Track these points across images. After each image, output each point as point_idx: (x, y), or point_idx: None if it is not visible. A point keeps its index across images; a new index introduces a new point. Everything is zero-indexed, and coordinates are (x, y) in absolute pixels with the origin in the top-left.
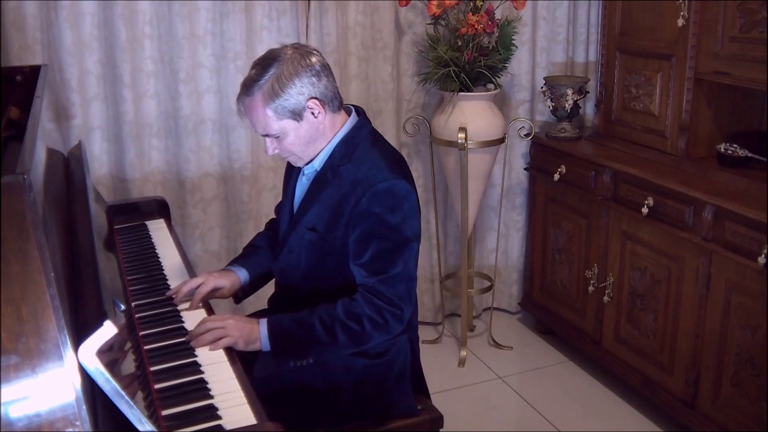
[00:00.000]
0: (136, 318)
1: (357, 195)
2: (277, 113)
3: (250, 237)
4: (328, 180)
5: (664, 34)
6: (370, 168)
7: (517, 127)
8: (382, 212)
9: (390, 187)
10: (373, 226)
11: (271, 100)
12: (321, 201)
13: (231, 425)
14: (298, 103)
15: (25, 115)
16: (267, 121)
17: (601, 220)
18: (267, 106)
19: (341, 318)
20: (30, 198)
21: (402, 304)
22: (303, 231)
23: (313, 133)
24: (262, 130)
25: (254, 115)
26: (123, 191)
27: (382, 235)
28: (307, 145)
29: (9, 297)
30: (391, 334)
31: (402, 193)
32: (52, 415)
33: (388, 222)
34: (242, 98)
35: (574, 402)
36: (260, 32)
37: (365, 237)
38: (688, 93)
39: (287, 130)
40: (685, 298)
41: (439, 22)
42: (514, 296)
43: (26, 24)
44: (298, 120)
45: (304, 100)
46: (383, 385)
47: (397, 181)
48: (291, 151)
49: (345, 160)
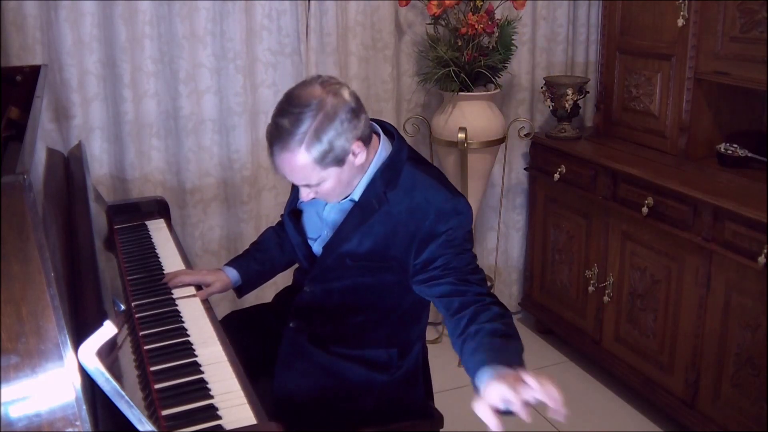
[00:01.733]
0: (136, 318)
1: (418, 219)
2: (321, 164)
3: (250, 237)
4: (374, 208)
5: (664, 34)
6: (426, 191)
7: (517, 127)
8: (452, 229)
9: (455, 206)
10: (444, 241)
11: (315, 152)
12: (364, 230)
13: (231, 425)
14: (343, 150)
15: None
16: (309, 174)
17: (601, 220)
18: (310, 159)
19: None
20: (30, 198)
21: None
22: (342, 259)
23: (354, 173)
24: (302, 182)
25: (295, 170)
26: (123, 191)
27: (451, 246)
28: (347, 186)
29: (9, 297)
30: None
31: (464, 210)
32: (52, 415)
33: (456, 235)
34: (278, 153)
35: (574, 402)
36: (260, 32)
37: (436, 251)
38: (688, 93)
39: (329, 177)
40: (685, 298)
41: (439, 22)
42: (514, 296)
43: (26, 24)
44: (342, 165)
45: (349, 145)
46: (399, 395)
47: (459, 199)
48: (329, 195)
49: (391, 187)
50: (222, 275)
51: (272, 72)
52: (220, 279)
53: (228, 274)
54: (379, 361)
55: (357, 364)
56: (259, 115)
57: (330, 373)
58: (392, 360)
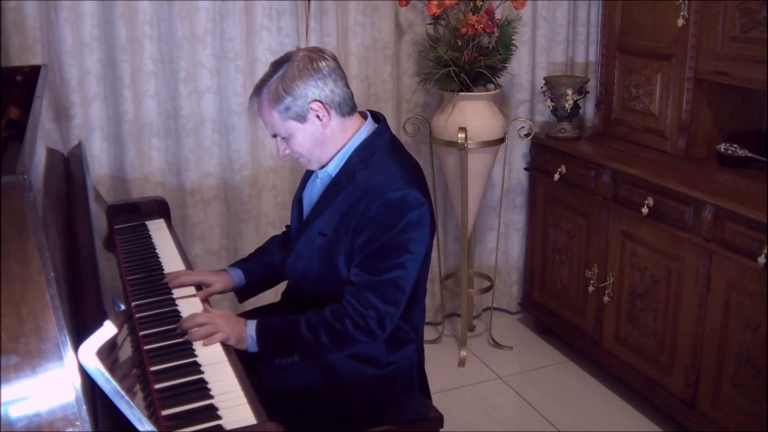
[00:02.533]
0: (136, 318)
1: (367, 201)
2: (281, 114)
3: (250, 237)
4: (343, 185)
5: (664, 34)
6: (384, 176)
7: (517, 127)
8: (391, 220)
9: (403, 197)
10: (378, 232)
11: (276, 102)
12: (333, 206)
13: (231, 425)
14: (300, 106)
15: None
16: (273, 121)
17: (601, 220)
18: (272, 107)
19: (326, 318)
20: (30, 198)
21: (384, 310)
22: (314, 236)
23: (318, 137)
24: (270, 130)
25: (262, 115)
26: (123, 191)
27: (384, 241)
28: (314, 147)
29: (9, 297)
30: (375, 339)
31: (414, 204)
32: (52, 415)
33: (394, 230)
34: (253, 98)
35: (574, 402)
36: (260, 32)
37: (369, 241)
38: (688, 93)
39: (293, 132)
40: (685, 298)
41: (439, 22)
42: (514, 296)
43: (26, 24)
44: (302, 122)
45: (307, 103)
46: (393, 394)
47: (410, 192)
48: (299, 153)
49: (361, 166)
50: (224, 276)
51: None
52: (221, 279)
53: (232, 274)
54: (368, 355)
55: (346, 357)
56: None
57: (319, 368)
58: (380, 354)
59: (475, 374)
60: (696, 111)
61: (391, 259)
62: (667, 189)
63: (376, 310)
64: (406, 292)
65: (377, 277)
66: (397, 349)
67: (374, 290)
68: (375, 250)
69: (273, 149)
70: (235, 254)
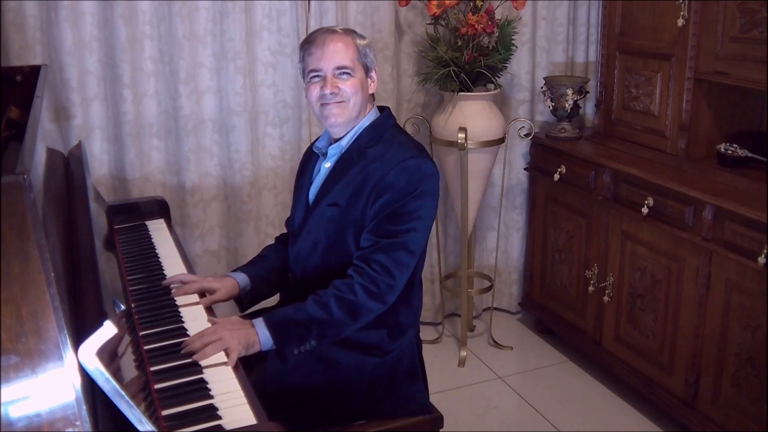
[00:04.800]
0: (136, 318)
1: (384, 169)
2: (360, 55)
3: (250, 237)
4: (354, 160)
5: (664, 34)
6: (400, 147)
7: (517, 127)
8: (408, 185)
9: (419, 164)
10: (396, 196)
11: (362, 44)
12: (345, 179)
13: (231, 425)
14: (371, 62)
15: (25, 115)
16: (351, 54)
17: (601, 220)
18: (356, 44)
19: (335, 291)
20: (30, 198)
21: (396, 273)
22: (324, 209)
23: (365, 95)
24: (339, 61)
25: (340, 46)
26: (123, 191)
27: (400, 205)
28: (359, 100)
29: (9, 297)
30: (385, 303)
31: (428, 172)
32: (52, 415)
33: (409, 195)
34: (329, 33)
35: (574, 402)
36: (260, 32)
37: (384, 206)
38: (688, 93)
39: (357, 74)
40: (685, 298)
41: (439, 22)
42: (514, 296)
43: (26, 24)
44: (366, 72)
45: (374, 62)
46: (396, 384)
47: (426, 161)
48: (348, 96)
49: (372, 143)
50: (227, 282)
51: (272, 72)
52: (225, 286)
53: (237, 278)
54: (370, 343)
55: (347, 348)
56: (259, 115)
57: (321, 363)
58: (383, 341)
59: (475, 374)
60: (696, 111)
61: (405, 223)
62: (667, 189)
63: (388, 272)
64: (415, 256)
65: (390, 240)
66: (399, 336)
67: (387, 252)
68: (389, 215)
69: (273, 149)
70: (235, 254)
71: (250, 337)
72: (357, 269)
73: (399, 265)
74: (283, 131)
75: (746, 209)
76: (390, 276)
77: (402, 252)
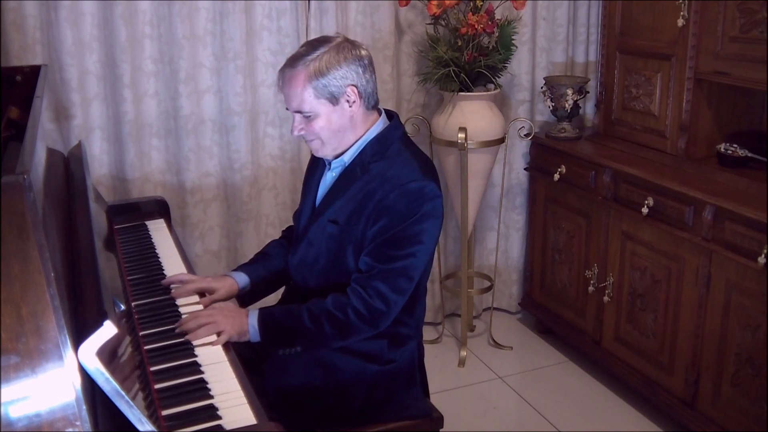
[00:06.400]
0: (136, 318)
1: (385, 190)
2: (317, 92)
3: (250, 237)
4: (357, 175)
5: (664, 34)
6: (403, 167)
7: (517, 127)
8: (408, 210)
9: (421, 187)
10: (395, 220)
11: (315, 78)
12: (347, 195)
13: (231, 425)
14: (338, 87)
15: (25, 115)
16: (304, 97)
17: (601, 220)
18: (308, 83)
19: (328, 308)
20: (30, 198)
21: (392, 300)
22: (324, 224)
23: (343, 122)
24: (296, 106)
25: (293, 88)
26: (123, 191)
27: (399, 230)
28: (335, 133)
29: (9, 297)
30: (376, 329)
31: (430, 195)
32: (52, 415)
33: (409, 219)
34: (285, 70)
35: (574, 402)
36: (260, 32)
37: (383, 230)
38: (688, 93)
39: (320, 112)
40: (685, 298)
41: (439, 22)
42: (514, 296)
43: (26, 24)
44: (334, 104)
45: (345, 86)
46: (394, 390)
47: (428, 183)
48: (317, 135)
49: (377, 158)
50: (228, 282)
51: (272, 72)
52: (225, 286)
53: (236, 278)
54: (371, 352)
55: (348, 355)
56: (259, 115)
57: (321, 366)
58: (383, 350)
59: (475, 374)
60: (696, 111)
61: (404, 249)
62: (667, 189)
63: (384, 299)
64: (414, 281)
65: (388, 266)
66: (400, 346)
67: (384, 279)
68: (388, 239)
69: (273, 149)
70: (235, 254)
71: (243, 326)
72: (354, 291)
73: (396, 291)
74: (283, 131)
75: (746, 209)
76: (385, 303)
77: (400, 278)
